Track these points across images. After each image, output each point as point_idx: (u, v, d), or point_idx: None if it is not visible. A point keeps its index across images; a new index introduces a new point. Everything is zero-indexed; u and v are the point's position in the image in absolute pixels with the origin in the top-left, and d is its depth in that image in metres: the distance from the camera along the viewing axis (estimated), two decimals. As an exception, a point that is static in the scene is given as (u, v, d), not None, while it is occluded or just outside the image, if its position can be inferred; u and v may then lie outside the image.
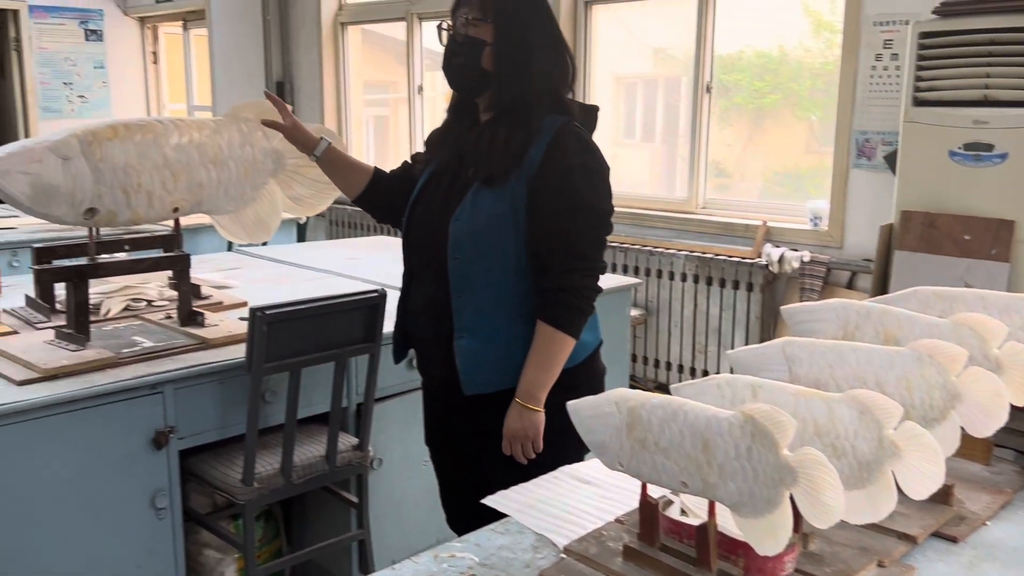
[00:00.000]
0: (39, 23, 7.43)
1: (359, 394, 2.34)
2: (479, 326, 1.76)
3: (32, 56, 7.44)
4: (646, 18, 4.87)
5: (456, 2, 1.80)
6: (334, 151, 2.01)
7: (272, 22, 6.48)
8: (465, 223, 1.74)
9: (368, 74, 6.67)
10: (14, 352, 1.97)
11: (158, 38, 8.08)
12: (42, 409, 1.77)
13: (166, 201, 2.12)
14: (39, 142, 1.93)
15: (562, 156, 1.72)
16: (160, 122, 2.12)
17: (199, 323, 2.25)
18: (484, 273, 1.74)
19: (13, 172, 1.86)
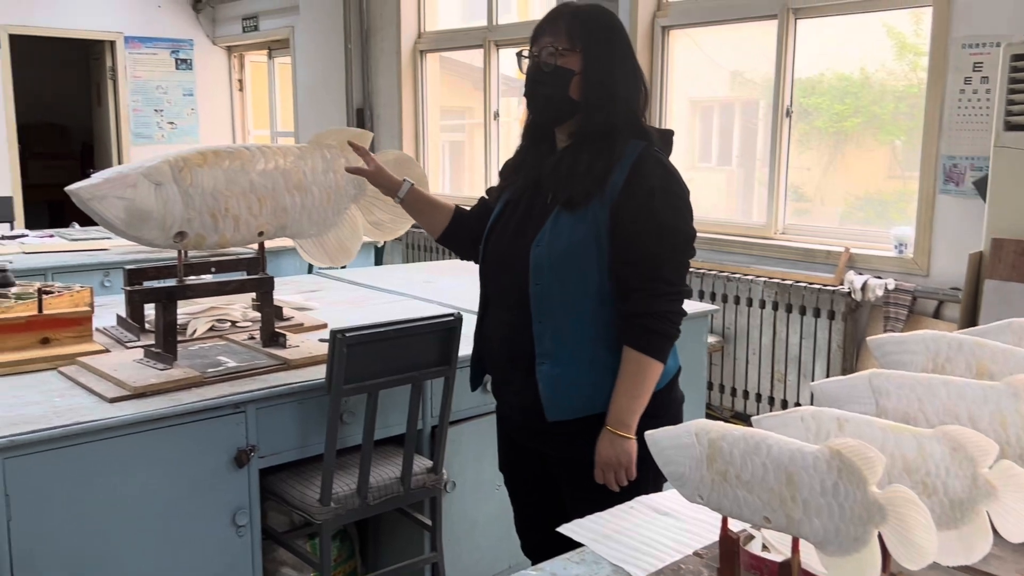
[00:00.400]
0: (133, 53, 7.77)
1: (434, 417, 2.35)
2: (561, 351, 1.75)
3: (126, 84, 7.78)
4: (723, 41, 4.83)
5: (539, 31, 1.81)
6: (416, 192, 2.06)
7: (353, 51, 6.64)
8: (545, 248, 1.74)
9: (444, 100, 6.77)
10: (106, 370, 2.04)
11: (244, 66, 8.36)
12: (131, 426, 1.84)
13: (252, 225, 2.18)
14: (133, 168, 2.01)
15: (644, 180, 1.72)
16: (247, 149, 2.19)
17: (281, 344, 2.30)
18: (566, 298, 1.74)
19: (109, 197, 1.94)
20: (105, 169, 2.07)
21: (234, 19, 7.85)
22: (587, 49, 1.75)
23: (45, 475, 1.74)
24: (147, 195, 1.97)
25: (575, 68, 1.76)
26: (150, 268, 2.42)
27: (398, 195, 2.06)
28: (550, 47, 1.76)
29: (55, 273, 3.71)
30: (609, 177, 1.73)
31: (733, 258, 4.44)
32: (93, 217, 1.97)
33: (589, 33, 1.76)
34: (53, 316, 2.20)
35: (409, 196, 2.06)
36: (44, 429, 1.73)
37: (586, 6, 1.82)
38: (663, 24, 4.79)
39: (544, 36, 1.79)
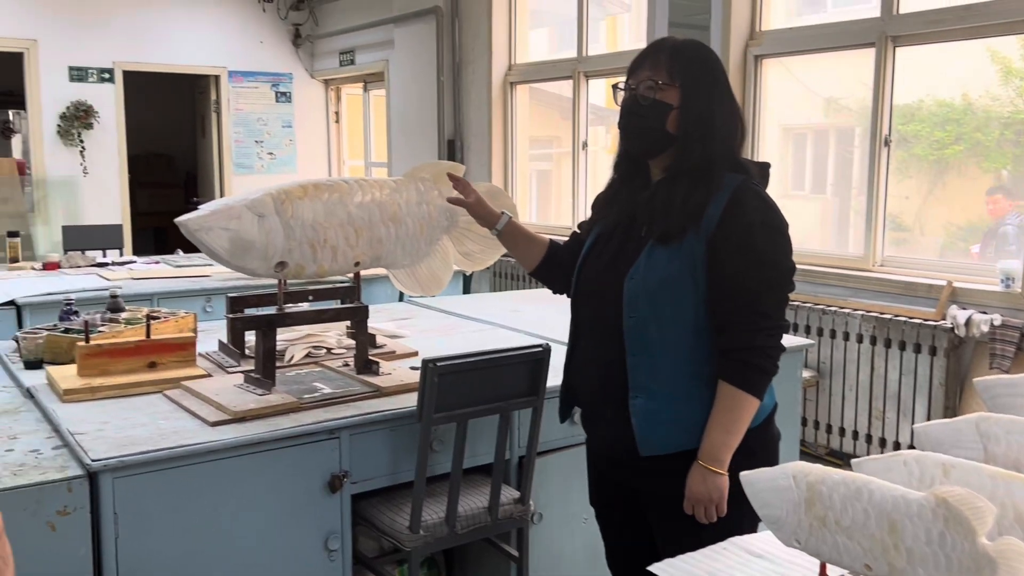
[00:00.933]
0: (236, 87, 8.11)
1: (522, 447, 2.36)
2: (656, 386, 1.74)
3: (229, 116, 8.13)
4: (818, 68, 4.75)
5: (637, 64, 1.81)
6: (513, 226, 2.08)
7: (445, 83, 6.78)
8: (640, 281, 1.74)
9: (533, 130, 6.84)
10: (208, 394, 2.12)
11: (341, 99, 8.63)
12: (231, 450, 1.90)
13: (349, 256, 2.24)
14: (237, 201, 2.09)
15: (742, 214, 1.70)
16: (345, 182, 2.25)
17: (374, 372, 2.35)
18: (661, 332, 1.73)
19: (215, 228, 2.02)
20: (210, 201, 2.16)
21: (332, 53, 8.13)
22: (685, 84, 1.75)
23: (150, 495, 1.81)
24: (250, 226, 2.04)
25: (673, 102, 1.75)
26: (251, 296, 2.51)
27: (496, 227, 2.08)
28: (649, 81, 1.77)
29: (161, 298, 3.88)
30: (705, 210, 1.72)
31: (828, 290, 4.33)
32: (199, 247, 2.05)
33: (688, 68, 1.76)
34: (160, 341, 2.30)
35: (507, 229, 2.08)
36: (150, 451, 1.81)
37: (685, 41, 1.82)
38: (756, 53, 4.74)
39: (642, 69, 1.79)
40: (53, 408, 2.07)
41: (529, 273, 2.11)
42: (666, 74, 1.76)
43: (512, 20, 6.48)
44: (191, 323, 2.69)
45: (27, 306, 3.61)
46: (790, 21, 4.80)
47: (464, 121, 6.84)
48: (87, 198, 7.48)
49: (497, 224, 2.08)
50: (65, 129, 7.33)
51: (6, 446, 1.87)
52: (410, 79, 7.03)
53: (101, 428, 1.93)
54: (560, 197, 6.69)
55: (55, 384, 2.19)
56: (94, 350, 2.21)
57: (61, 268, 4.40)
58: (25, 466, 1.75)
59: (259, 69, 8.21)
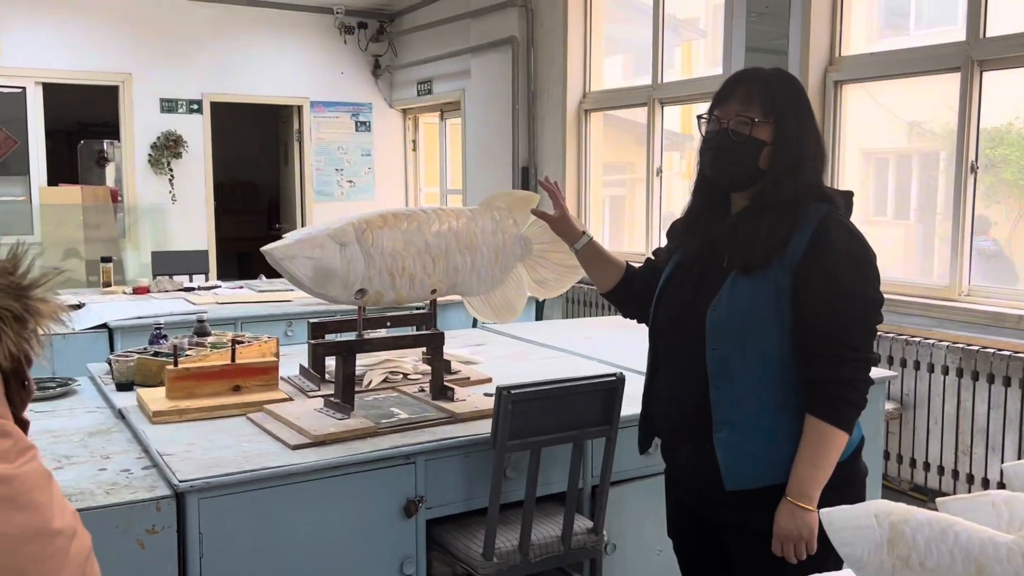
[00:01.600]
0: (318, 116, 8.34)
1: (595, 476, 2.35)
2: (741, 418, 1.72)
3: (311, 145, 8.36)
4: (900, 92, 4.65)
5: (724, 95, 1.79)
6: (594, 246, 2.09)
7: (520, 112, 6.85)
8: (723, 313, 1.73)
9: (606, 156, 6.85)
10: (289, 417, 2.18)
11: (418, 127, 8.79)
12: (312, 473, 1.95)
13: (426, 284, 2.29)
14: (320, 230, 2.16)
15: (829, 245, 1.69)
16: (423, 211, 2.31)
17: (449, 397, 2.38)
18: (745, 363, 1.72)
19: (299, 257, 2.09)
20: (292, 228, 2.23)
21: (410, 84, 8.30)
22: (779, 120, 1.74)
23: (233, 515, 1.87)
24: (333, 255, 2.10)
25: (766, 139, 1.74)
26: (331, 322, 2.57)
27: (576, 246, 2.10)
28: (741, 117, 1.75)
29: (244, 322, 3.99)
30: (790, 241, 1.70)
31: (912, 320, 4.21)
32: (283, 274, 2.12)
33: (781, 104, 1.75)
34: (244, 365, 2.37)
35: (587, 248, 2.09)
36: (234, 473, 1.87)
37: (773, 72, 1.81)
38: (836, 79, 4.67)
39: (731, 102, 1.77)
40: (143, 429, 2.15)
41: (602, 294, 2.12)
42: (759, 110, 1.74)
43: (587, 48, 6.52)
44: (274, 347, 2.76)
45: (118, 329, 3.75)
46: (871, 45, 4.72)
47: (538, 148, 6.89)
48: (175, 224, 7.76)
49: (577, 243, 2.09)
50: (155, 158, 7.63)
51: (99, 465, 1.95)
52: (486, 108, 7.13)
53: (188, 449, 2.00)
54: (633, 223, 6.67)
55: (145, 406, 2.27)
56: (182, 373, 2.29)
57: (150, 292, 4.57)
58: (117, 485, 1.83)
59: (340, 99, 8.43)
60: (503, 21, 6.86)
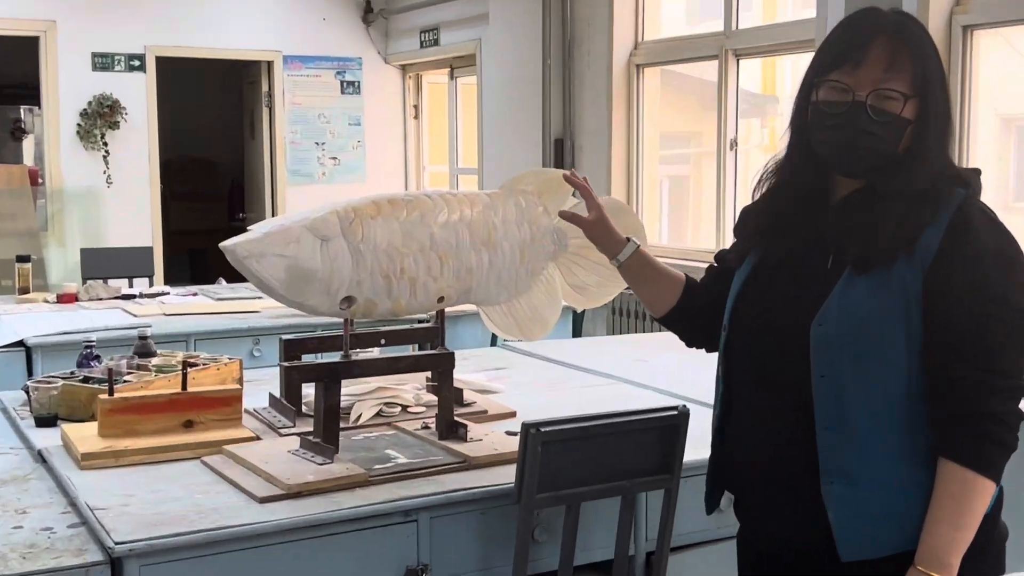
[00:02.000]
0: (293, 75, 8.40)
1: (650, 540, 2.34)
2: (860, 467, 1.71)
3: (284, 112, 8.41)
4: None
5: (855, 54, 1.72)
6: (643, 256, 2.09)
7: (553, 68, 6.85)
8: (834, 326, 1.71)
9: (665, 124, 6.84)
10: (256, 462, 2.19)
11: (421, 89, 8.82)
12: (284, 533, 1.95)
13: (431, 289, 2.28)
14: (296, 221, 2.16)
15: (971, 240, 1.68)
16: (428, 196, 2.31)
17: (461, 437, 2.38)
18: (865, 394, 1.70)
19: (268, 255, 2.09)
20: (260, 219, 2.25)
21: (410, 32, 8.32)
22: (928, 96, 1.73)
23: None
24: (312, 252, 2.11)
25: (911, 117, 1.73)
26: (310, 339, 2.59)
27: (618, 258, 2.10)
28: (888, 91, 1.71)
29: (199, 339, 4.03)
30: (921, 233, 1.69)
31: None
32: (249, 278, 2.12)
33: (933, 73, 1.73)
34: (199, 395, 2.39)
35: (634, 260, 2.09)
36: (186, 533, 1.87)
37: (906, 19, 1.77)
38: (965, 23, 4.63)
39: (867, 65, 1.72)
40: (69, 476, 2.17)
41: (657, 319, 2.12)
42: (907, 81, 1.71)
43: (639, -15, 6.54)
44: (236, 372, 2.78)
45: (39, 348, 3.80)
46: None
47: (576, 115, 6.89)
48: (111, 214, 7.83)
49: (620, 254, 2.09)
50: (86, 129, 7.72)
51: (14, 522, 1.97)
52: (508, 63, 7.14)
53: (126, 503, 2.01)
54: (700, 210, 6.66)
55: (72, 446, 2.29)
56: (119, 405, 2.31)
57: (79, 301, 4.62)
58: (36, 548, 1.84)
59: (321, 53, 8.48)
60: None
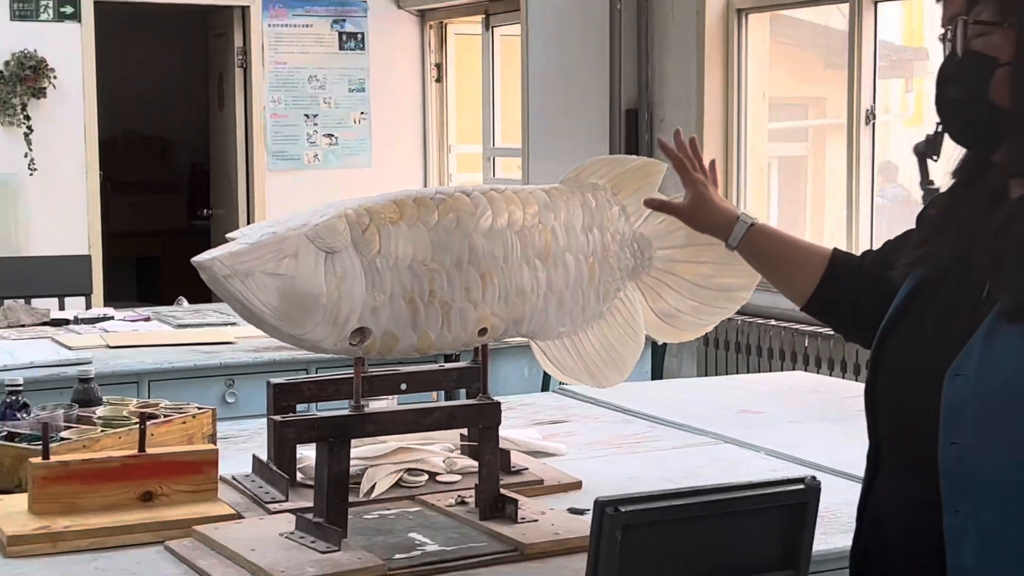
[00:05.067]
0: (276, 25, 8.44)
1: (769, 655, 2.34)
2: (995, 560, 1.72)
3: (263, 76, 8.45)
4: None
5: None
6: (764, 232, 2.17)
7: (624, 15, 6.85)
8: (973, 380, 1.72)
9: (776, 89, 6.82)
10: (238, 550, 2.20)
11: (445, 43, 8.84)
12: (278, 646, 1.97)
13: (470, 317, 2.29)
14: (292, 227, 2.18)
15: None
16: (467, 194, 2.32)
17: (510, 516, 2.38)
18: (1005, 475, 1.71)
19: (256, 273, 2.11)
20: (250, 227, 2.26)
21: (432, -34, 8.38)
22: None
23: None
24: (313, 270, 2.12)
25: (1001, 56, 1.76)
26: (307, 383, 2.60)
27: (731, 239, 2.18)
28: (965, 20, 1.78)
29: (154, 381, 4.06)
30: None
31: None
32: (230, 304, 2.15)
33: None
34: (161, 458, 2.41)
35: (752, 237, 2.17)
36: (148, 647, 1.90)
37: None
38: None
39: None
40: (-9, 566, 2.19)
41: (802, 308, 2.18)
42: (994, 7, 1.76)
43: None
44: (207, 426, 2.80)
45: (-56, 391, 3.84)
46: None
47: (655, 78, 6.89)
48: (34, 211, 7.89)
49: (733, 233, 2.17)
50: (2, 99, 7.80)
51: (-79, 628, 1.99)
52: (564, 7, 7.16)
53: (68, 603, 2.04)
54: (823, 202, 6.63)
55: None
56: (58, 472, 2.33)
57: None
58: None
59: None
60: None
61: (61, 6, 7.93)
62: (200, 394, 3.88)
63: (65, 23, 7.97)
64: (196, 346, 4.40)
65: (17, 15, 7.85)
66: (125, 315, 5.06)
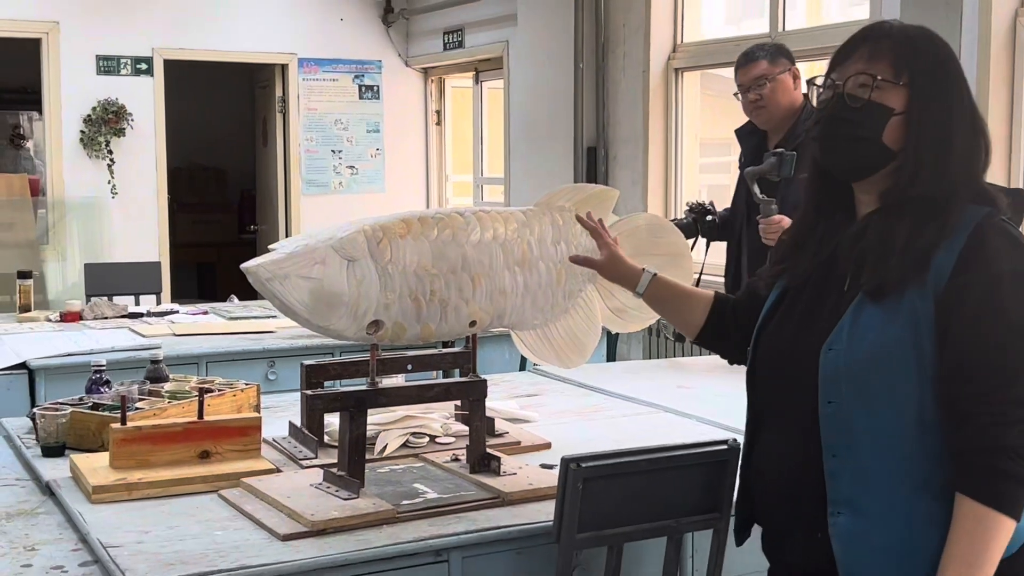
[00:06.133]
0: (309, 79, 8.44)
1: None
2: (866, 499, 1.74)
3: (298, 119, 8.44)
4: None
5: (844, 53, 1.84)
6: (661, 284, 2.19)
7: (586, 71, 6.86)
8: (844, 353, 1.75)
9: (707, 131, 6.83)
10: (277, 496, 2.20)
11: (444, 94, 8.84)
12: (309, 573, 1.96)
13: (463, 313, 2.31)
14: (321, 240, 2.18)
15: (985, 261, 1.69)
16: (460, 214, 2.33)
17: (494, 470, 2.38)
18: (873, 423, 1.73)
19: (292, 276, 2.12)
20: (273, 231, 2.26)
21: (433, 34, 8.35)
22: (915, 82, 1.77)
23: (203, 630, 1.89)
24: (337, 274, 2.13)
25: (895, 106, 1.77)
26: (333, 364, 2.60)
27: (638, 289, 2.21)
28: (862, 76, 1.79)
29: (211, 362, 4.05)
30: (934, 256, 1.71)
31: None
32: (271, 301, 2.16)
33: (920, 60, 1.78)
34: (216, 424, 2.40)
35: (653, 288, 2.20)
36: (206, 573, 1.88)
37: (915, 28, 1.85)
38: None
39: (853, 61, 1.82)
40: (80, 510, 2.18)
41: (693, 341, 2.21)
42: (889, 68, 1.78)
43: (678, -17, 6.54)
44: (253, 398, 2.80)
45: (42, 371, 3.81)
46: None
47: (611, 122, 6.90)
48: (116, 226, 7.87)
49: (639, 284, 2.20)
50: (90, 136, 7.76)
51: (22, 560, 1.98)
52: (538, 66, 7.16)
53: (141, 539, 2.03)
54: (742, 225, 6.63)
55: (82, 478, 2.31)
56: (132, 435, 2.33)
57: (83, 320, 4.65)
58: (47, 587, 1.86)
59: (338, 56, 8.51)
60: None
61: (137, 63, 7.91)
62: (247, 373, 3.86)
63: (140, 77, 7.94)
64: (244, 335, 4.39)
65: (102, 70, 7.82)
66: (188, 309, 5.04)
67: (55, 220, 7.85)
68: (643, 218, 2.74)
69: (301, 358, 3.26)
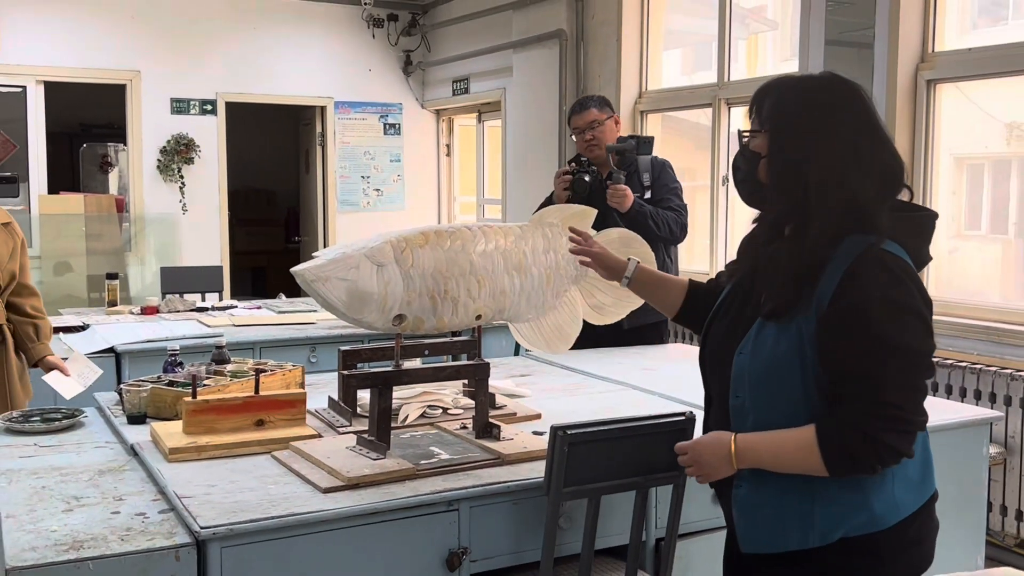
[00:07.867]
0: (343, 118, 8.43)
1: (660, 528, 2.34)
2: (763, 475, 1.75)
3: (335, 150, 8.44)
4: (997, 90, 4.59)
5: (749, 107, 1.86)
6: (643, 272, 2.22)
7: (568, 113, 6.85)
8: (748, 358, 1.77)
9: (666, 162, 6.82)
10: (319, 456, 2.20)
11: (452, 130, 8.85)
12: (345, 520, 1.96)
13: (470, 308, 2.31)
14: (355, 249, 2.18)
15: (858, 288, 1.65)
16: (468, 228, 2.33)
17: (495, 436, 2.38)
18: (767, 416, 1.74)
19: (332, 278, 2.12)
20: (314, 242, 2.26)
21: (444, 82, 8.36)
22: (773, 130, 1.77)
23: (259, 565, 1.88)
24: (369, 277, 2.13)
25: (762, 151, 1.79)
26: (364, 350, 2.59)
27: (624, 276, 2.22)
28: (746, 132, 1.83)
29: (263, 347, 4.04)
30: (816, 285, 1.69)
31: (1017, 352, 4.13)
32: (314, 298, 2.15)
33: (777, 112, 1.77)
34: (269, 398, 2.40)
35: (637, 276, 2.22)
36: (260, 519, 1.89)
37: (793, 79, 1.85)
38: (929, 78, 4.62)
39: (750, 115, 1.85)
40: (159, 468, 2.18)
41: (672, 319, 2.22)
42: (757, 119, 1.81)
43: (644, 43, 6.53)
44: (299, 377, 2.79)
45: (127, 354, 3.81)
46: (965, 38, 4.66)
47: (588, 155, 6.88)
48: (185, 237, 7.87)
49: (625, 273, 2.22)
50: (165, 164, 7.76)
51: (112, 508, 1.98)
52: (529, 109, 7.16)
53: (209, 492, 2.03)
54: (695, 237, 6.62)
55: (160, 442, 2.31)
56: (201, 406, 2.32)
57: (160, 313, 4.64)
58: (132, 531, 1.86)
59: (367, 99, 8.51)
60: (549, 12, 6.90)
61: (204, 104, 7.90)
62: (293, 356, 3.85)
63: (206, 116, 7.93)
64: (291, 325, 4.38)
65: (175, 110, 7.82)
66: (244, 305, 5.03)
67: (136, 232, 7.85)
68: (615, 232, 2.74)
69: (338, 345, 3.26)
